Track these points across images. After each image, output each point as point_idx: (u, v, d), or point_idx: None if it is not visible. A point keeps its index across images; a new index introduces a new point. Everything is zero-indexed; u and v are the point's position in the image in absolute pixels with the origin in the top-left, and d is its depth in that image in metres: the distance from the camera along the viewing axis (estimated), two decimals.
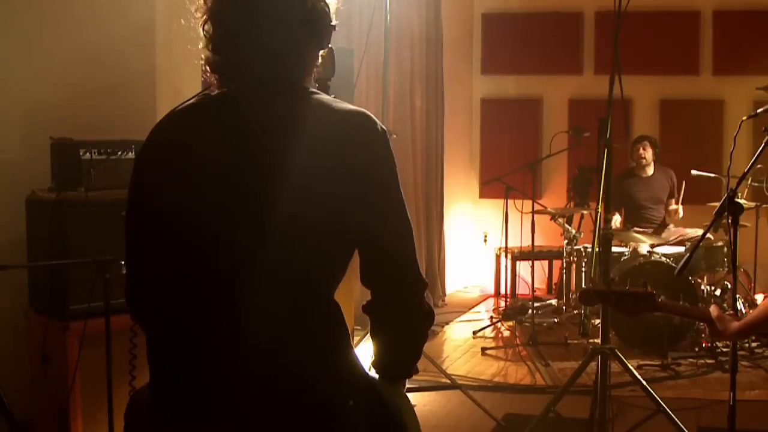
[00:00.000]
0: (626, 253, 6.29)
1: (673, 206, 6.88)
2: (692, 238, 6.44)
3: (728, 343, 5.82)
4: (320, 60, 1.80)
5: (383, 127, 1.73)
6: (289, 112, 1.69)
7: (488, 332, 6.73)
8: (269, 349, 1.63)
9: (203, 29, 1.73)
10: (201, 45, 1.74)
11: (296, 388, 1.65)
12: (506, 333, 6.75)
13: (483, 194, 8.59)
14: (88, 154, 3.82)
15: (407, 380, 1.86)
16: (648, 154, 6.85)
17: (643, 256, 6.07)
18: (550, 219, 6.97)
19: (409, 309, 1.75)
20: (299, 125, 1.67)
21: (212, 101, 1.74)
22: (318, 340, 1.68)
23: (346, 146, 1.66)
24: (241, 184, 1.64)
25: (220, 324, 1.65)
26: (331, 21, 1.77)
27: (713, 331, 2.56)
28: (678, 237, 6.63)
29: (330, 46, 1.81)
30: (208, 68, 1.74)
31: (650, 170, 6.92)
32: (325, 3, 1.76)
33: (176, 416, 1.70)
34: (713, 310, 2.55)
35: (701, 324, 5.91)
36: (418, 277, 1.75)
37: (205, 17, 1.72)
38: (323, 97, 1.73)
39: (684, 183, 6.79)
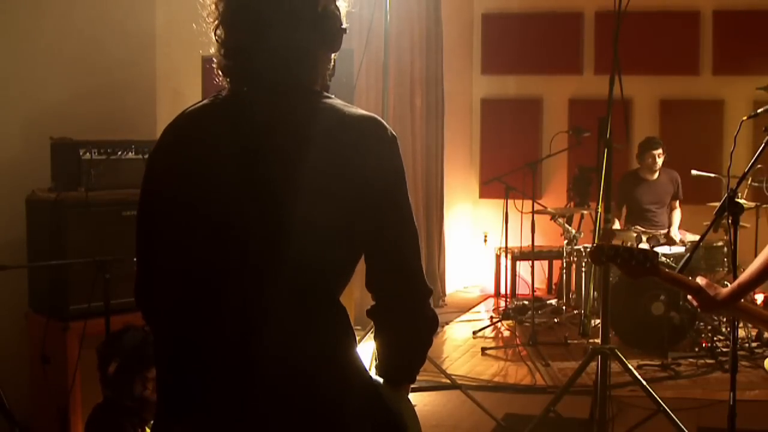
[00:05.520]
0: None
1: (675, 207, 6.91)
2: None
3: (728, 342, 5.83)
4: (332, 63, 1.80)
5: (393, 133, 1.73)
6: (300, 114, 1.69)
7: (488, 332, 6.73)
8: (278, 349, 1.64)
9: (215, 34, 1.73)
10: (213, 50, 1.74)
11: (304, 388, 1.65)
12: (506, 333, 6.74)
13: (483, 194, 8.59)
14: (88, 154, 3.83)
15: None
16: (661, 160, 6.78)
17: None
18: (550, 219, 6.97)
19: (412, 315, 1.75)
20: (309, 128, 1.67)
21: (223, 102, 1.74)
22: (325, 340, 1.69)
23: (355, 151, 1.67)
24: (251, 183, 1.65)
25: (230, 323, 1.65)
26: (342, 24, 1.77)
27: (704, 301, 2.58)
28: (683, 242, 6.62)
29: None
30: (220, 72, 1.74)
31: (656, 174, 6.87)
32: (336, 6, 1.76)
33: (184, 415, 1.70)
34: (701, 279, 2.59)
35: (701, 324, 5.92)
36: (423, 284, 1.75)
37: (216, 22, 1.73)
38: (335, 101, 1.74)
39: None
